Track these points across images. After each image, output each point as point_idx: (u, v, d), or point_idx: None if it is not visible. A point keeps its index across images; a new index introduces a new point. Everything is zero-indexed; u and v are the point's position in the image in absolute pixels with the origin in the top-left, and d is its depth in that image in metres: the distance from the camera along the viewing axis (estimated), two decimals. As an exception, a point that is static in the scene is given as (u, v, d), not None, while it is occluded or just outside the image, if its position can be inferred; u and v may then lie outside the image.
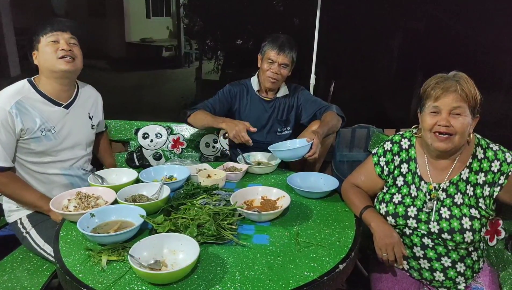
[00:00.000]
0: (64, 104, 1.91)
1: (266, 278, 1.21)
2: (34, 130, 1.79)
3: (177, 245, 1.30)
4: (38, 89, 1.86)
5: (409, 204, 1.59)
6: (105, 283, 1.17)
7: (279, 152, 2.09)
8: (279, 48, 2.29)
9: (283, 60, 2.31)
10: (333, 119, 2.28)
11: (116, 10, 5.07)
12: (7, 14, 4.03)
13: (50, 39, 1.82)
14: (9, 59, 4.16)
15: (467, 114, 1.45)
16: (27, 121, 1.77)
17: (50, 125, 1.84)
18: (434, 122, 1.49)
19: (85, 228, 1.39)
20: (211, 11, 5.08)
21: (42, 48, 1.83)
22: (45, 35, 1.82)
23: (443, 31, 4.46)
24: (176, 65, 5.50)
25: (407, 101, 4.46)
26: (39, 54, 1.84)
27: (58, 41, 1.83)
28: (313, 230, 1.51)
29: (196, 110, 2.40)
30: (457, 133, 1.46)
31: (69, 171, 1.94)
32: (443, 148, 1.49)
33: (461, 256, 1.54)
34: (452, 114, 1.46)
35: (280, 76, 2.35)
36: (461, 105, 1.45)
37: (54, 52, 1.81)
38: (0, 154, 1.74)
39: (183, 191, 1.75)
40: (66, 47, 1.83)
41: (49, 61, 1.82)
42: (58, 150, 1.88)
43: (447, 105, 1.46)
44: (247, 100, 2.48)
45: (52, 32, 1.82)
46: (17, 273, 1.74)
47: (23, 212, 1.89)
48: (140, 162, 2.72)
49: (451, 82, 1.47)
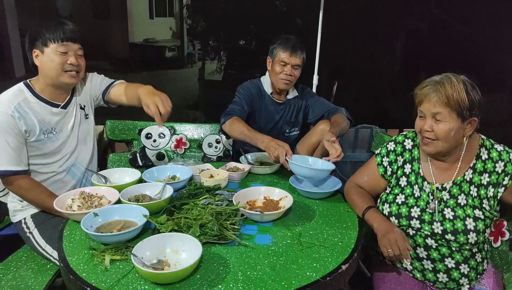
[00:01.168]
0: (62, 104, 1.90)
1: (268, 278, 1.21)
2: (36, 133, 1.79)
3: (180, 245, 1.30)
4: (35, 92, 1.83)
5: (412, 204, 1.59)
6: (108, 282, 1.18)
7: (299, 168, 1.84)
8: (292, 50, 2.29)
9: (295, 62, 2.31)
10: (343, 121, 2.29)
11: (120, 11, 5.09)
12: (12, 15, 4.06)
13: (60, 49, 1.76)
14: (14, 60, 4.18)
15: (448, 120, 1.44)
16: (28, 124, 1.77)
17: (50, 127, 1.84)
18: (420, 126, 1.52)
19: (89, 228, 1.40)
20: (214, 12, 5.09)
21: (49, 55, 1.77)
22: (55, 42, 1.75)
23: (446, 31, 4.45)
24: (179, 65, 5.51)
25: (410, 101, 4.44)
26: (43, 58, 1.78)
27: (67, 52, 1.78)
28: (316, 230, 1.51)
29: (231, 116, 2.21)
30: (438, 138, 1.47)
31: (73, 170, 1.95)
32: (428, 151, 1.53)
33: (464, 257, 1.54)
34: (434, 119, 1.47)
35: (293, 77, 2.35)
36: (440, 110, 1.44)
37: (61, 64, 1.78)
38: (13, 158, 1.73)
39: (185, 191, 1.75)
40: (74, 62, 1.79)
41: (54, 72, 1.79)
42: (61, 150, 1.89)
43: (428, 110, 1.48)
44: (262, 102, 2.46)
45: (63, 42, 1.76)
46: (22, 271, 1.75)
47: (27, 212, 1.90)
48: (143, 162, 2.73)
49: (432, 87, 1.46)
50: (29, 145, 1.80)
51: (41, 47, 1.77)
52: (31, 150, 1.81)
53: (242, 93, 2.39)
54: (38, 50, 1.79)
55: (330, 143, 1.95)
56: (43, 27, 1.76)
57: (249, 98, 2.37)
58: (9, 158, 1.73)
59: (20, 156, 1.75)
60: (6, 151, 1.72)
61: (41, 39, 1.76)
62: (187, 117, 4.95)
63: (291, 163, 1.86)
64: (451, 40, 4.39)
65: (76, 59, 1.80)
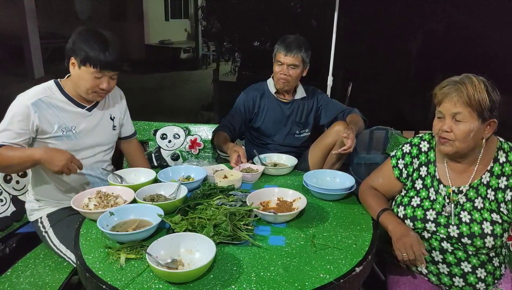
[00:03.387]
0: (87, 106, 1.93)
1: (281, 280, 1.21)
2: (54, 129, 1.82)
3: (194, 244, 1.31)
4: (64, 91, 1.87)
5: (428, 207, 1.57)
6: (124, 281, 1.19)
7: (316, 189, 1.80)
8: (286, 49, 2.30)
9: (290, 61, 2.31)
10: (359, 120, 2.31)
11: (136, 13, 5.16)
12: (32, 18, 4.14)
13: (96, 74, 1.76)
14: (33, 61, 4.27)
15: (468, 120, 1.42)
16: (42, 120, 1.78)
17: (71, 125, 1.87)
18: (439, 127, 1.49)
19: (105, 226, 1.42)
20: (228, 13, 5.11)
21: (84, 73, 1.76)
22: (93, 67, 1.74)
23: (462, 31, 4.39)
24: (194, 66, 5.56)
25: (426, 103, 4.38)
26: (77, 71, 1.77)
27: (101, 77, 1.78)
28: (330, 232, 1.51)
29: (218, 130, 2.42)
30: (456, 139, 1.44)
31: (90, 171, 1.98)
32: (445, 151, 1.49)
33: (481, 262, 1.51)
34: (454, 119, 1.44)
35: (289, 77, 2.35)
36: (461, 110, 1.42)
37: (92, 87, 1.79)
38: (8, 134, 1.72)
39: (200, 191, 1.76)
40: (105, 87, 1.80)
41: (83, 89, 1.81)
42: (78, 150, 1.91)
43: (448, 111, 1.45)
44: (264, 102, 2.48)
45: (101, 70, 1.75)
46: (39, 269, 1.79)
47: (44, 212, 1.93)
48: (158, 162, 2.75)
49: (452, 86, 1.44)
50: (44, 142, 1.82)
51: (79, 61, 1.75)
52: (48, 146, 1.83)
53: (236, 108, 2.50)
54: (76, 62, 1.77)
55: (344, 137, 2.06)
56: (87, 44, 1.73)
57: (244, 110, 2.48)
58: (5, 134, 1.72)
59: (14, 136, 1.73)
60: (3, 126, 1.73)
61: (82, 56, 1.74)
62: (202, 118, 4.98)
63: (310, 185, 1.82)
64: (468, 41, 4.33)
65: (108, 84, 1.81)
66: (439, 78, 1.52)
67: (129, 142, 2.24)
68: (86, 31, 1.77)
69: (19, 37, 4.20)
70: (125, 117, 2.16)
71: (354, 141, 2.08)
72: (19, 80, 4.32)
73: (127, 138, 2.21)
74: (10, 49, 4.25)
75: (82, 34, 1.76)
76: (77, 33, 1.77)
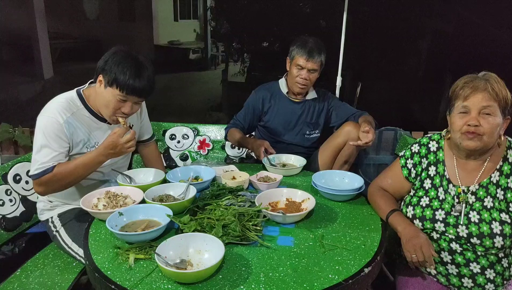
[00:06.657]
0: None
1: (290, 280, 1.21)
2: (80, 147, 1.81)
3: (203, 245, 1.31)
4: (87, 105, 1.83)
5: (437, 207, 1.56)
6: (132, 281, 1.20)
7: (325, 189, 1.81)
8: (308, 54, 2.29)
9: (312, 66, 2.31)
10: (373, 121, 2.33)
11: (145, 13, 5.18)
12: (42, 18, 4.18)
13: (121, 97, 1.72)
14: (43, 62, 4.31)
15: (497, 114, 1.42)
16: (74, 138, 1.78)
17: (94, 141, 1.86)
18: (463, 122, 1.46)
19: (114, 227, 1.43)
20: (237, 14, 5.11)
21: (109, 94, 1.72)
22: (119, 90, 1.70)
23: (472, 32, 4.33)
24: (203, 67, 5.56)
25: (435, 103, 4.36)
26: (103, 89, 1.74)
27: (126, 101, 1.75)
28: (338, 233, 1.50)
29: (230, 127, 2.51)
30: (485, 133, 1.43)
31: (107, 177, 1.99)
32: (472, 146, 1.46)
33: (490, 262, 1.50)
34: (481, 113, 1.43)
35: (309, 81, 2.36)
36: (491, 104, 1.42)
37: (115, 109, 1.76)
38: (53, 156, 1.71)
39: (209, 191, 1.76)
40: (127, 111, 1.76)
41: (105, 109, 1.78)
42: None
43: (476, 104, 1.43)
44: (274, 101, 2.48)
45: (126, 95, 1.71)
46: (49, 269, 1.80)
47: (54, 211, 1.95)
48: (167, 163, 2.77)
49: (480, 81, 1.44)
50: (70, 157, 1.81)
51: (106, 80, 1.72)
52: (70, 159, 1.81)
53: (246, 107, 2.54)
54: (103, 80, 1.73)
55: (364, 133, 2.09)
56: (119, 67, 1.68)
57: (253, 109, 2.51)
58: (50, 157, 1.71)
59: (58, 156, 1.73)
60: (47, 153, 1.71)
61: (110, 77, 1.70)
62: (211, 119, 4.98)
63: (319, 185, 1.83)
64: (478, 41, 4.28)
65: (131, 109, 1.78)
66: (449, 79, 1.52)
67: (147, 146, 2.22)
68: (121, 52, 1.72)
69: (28, 37, 4.24)
70: (143, 119, 2.14)
71: (374, 135, 2.09)
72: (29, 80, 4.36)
73: (144, 141, 2.20)
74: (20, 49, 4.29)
75: (116, 55, 1.72)
76: (111, 52, 1.73)
